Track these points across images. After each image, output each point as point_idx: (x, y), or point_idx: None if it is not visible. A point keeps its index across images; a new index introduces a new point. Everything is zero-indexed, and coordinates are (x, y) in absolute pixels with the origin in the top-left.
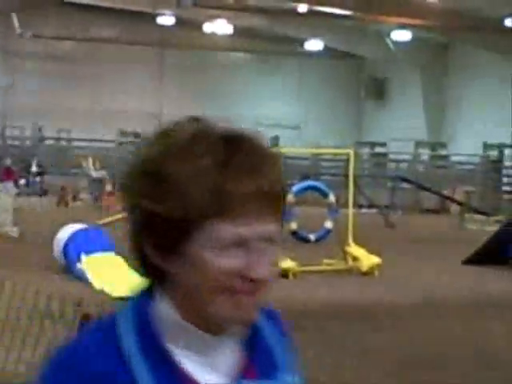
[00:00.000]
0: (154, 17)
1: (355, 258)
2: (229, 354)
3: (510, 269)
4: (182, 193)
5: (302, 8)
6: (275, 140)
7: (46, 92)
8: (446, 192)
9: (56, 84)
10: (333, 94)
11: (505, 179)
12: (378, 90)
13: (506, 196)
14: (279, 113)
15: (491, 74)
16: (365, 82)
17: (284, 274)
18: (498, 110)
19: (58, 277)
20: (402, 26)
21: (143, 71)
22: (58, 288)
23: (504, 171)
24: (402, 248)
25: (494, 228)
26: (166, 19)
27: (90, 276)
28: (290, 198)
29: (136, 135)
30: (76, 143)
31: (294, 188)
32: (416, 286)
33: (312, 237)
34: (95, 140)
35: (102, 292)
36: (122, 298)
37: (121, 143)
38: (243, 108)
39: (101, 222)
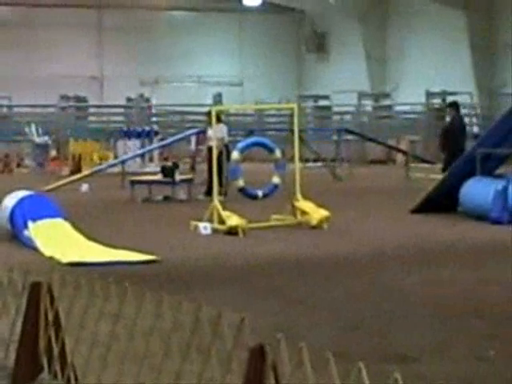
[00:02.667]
0: None
1: (304, 212)
2: None
3: (457, 215)
4: None
5: None
6: (218, 98)
7: None
8: (390, 142)
9: None
10: (274, 50)
11: None
12: (319, 44)
13: None
14: (221, 70)
15: (432, 21)
16: (305, 36)
17: (233, 231)
18: (441, 57)
19: (5, 245)
20: None
21: (82, 34)
22: (6, 256)
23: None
24: (350, 200)
25: (439, 176)
26: None
27: (38, 243)
28: (236, 155)
29: (78, 99)
30: (17, 110)
31: (240, 145)
32: (366, 237)
33: (260, 193)
34: (37, 106)
35: (51, 259)
36: (71, 264)
37: (63, 108)
38: (185, 67)
39: (46, 188)
